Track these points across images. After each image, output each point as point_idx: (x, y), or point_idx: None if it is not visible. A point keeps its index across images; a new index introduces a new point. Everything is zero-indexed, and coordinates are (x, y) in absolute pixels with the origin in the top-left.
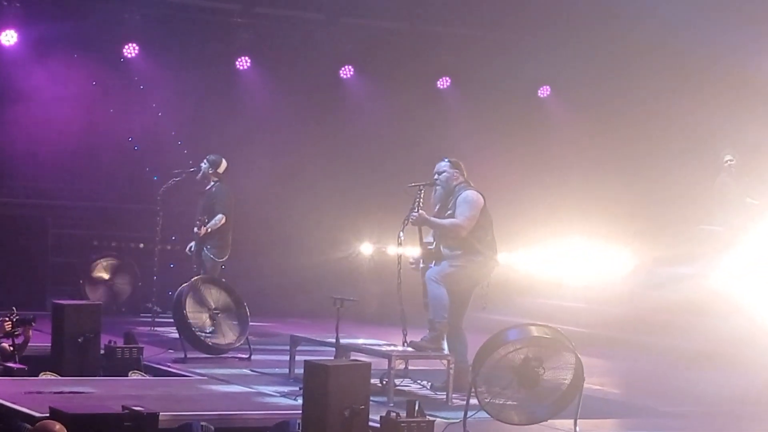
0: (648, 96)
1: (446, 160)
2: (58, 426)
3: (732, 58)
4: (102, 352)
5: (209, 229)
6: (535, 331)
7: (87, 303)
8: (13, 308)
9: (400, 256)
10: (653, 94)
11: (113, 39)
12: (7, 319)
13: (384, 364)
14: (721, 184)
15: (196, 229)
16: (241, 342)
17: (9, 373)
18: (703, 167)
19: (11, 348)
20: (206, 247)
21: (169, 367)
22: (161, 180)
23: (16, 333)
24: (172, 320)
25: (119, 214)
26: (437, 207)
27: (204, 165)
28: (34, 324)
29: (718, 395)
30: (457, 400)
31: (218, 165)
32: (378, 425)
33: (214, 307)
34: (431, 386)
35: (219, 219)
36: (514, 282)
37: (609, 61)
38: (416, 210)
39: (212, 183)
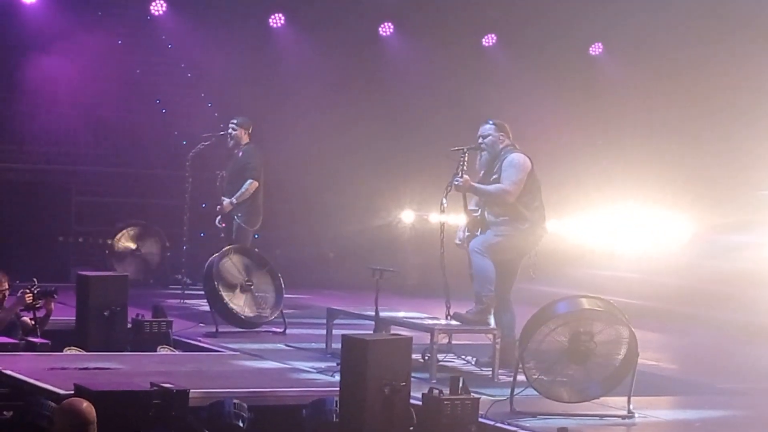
0: (707, 53)
1: (490, 122)
2: (85, 404)
3: None
4: (129, 326)
5: (235, 201)
6: (586, 304)
7: (113, 274)
8: (34, 279)
9: (443, 224)
10: (712, 51)
11: None
12: (27, 291)
13: (426, 338)
14: None
15: (219, 207)
16: (276, 315)
17: (32, 348)
18: (765, 129)
19: (32, 321)
20: (236, 215)
21: (199, 341)
22: (190, 144)
23: (37, 306)
24: (202, 292)
25: (146, 180)
26: (482, 172)
27: (232, 129)
28: (56, 296)
29: None
30: (504, 377)
31: (247, 127)
32: (420, 403)
33: (246, 278)
34: (476, 362)
35: (248, 185)
36: (564, 251)
37: (665, 17)
38: (460, 175)
39: (242, 146)
